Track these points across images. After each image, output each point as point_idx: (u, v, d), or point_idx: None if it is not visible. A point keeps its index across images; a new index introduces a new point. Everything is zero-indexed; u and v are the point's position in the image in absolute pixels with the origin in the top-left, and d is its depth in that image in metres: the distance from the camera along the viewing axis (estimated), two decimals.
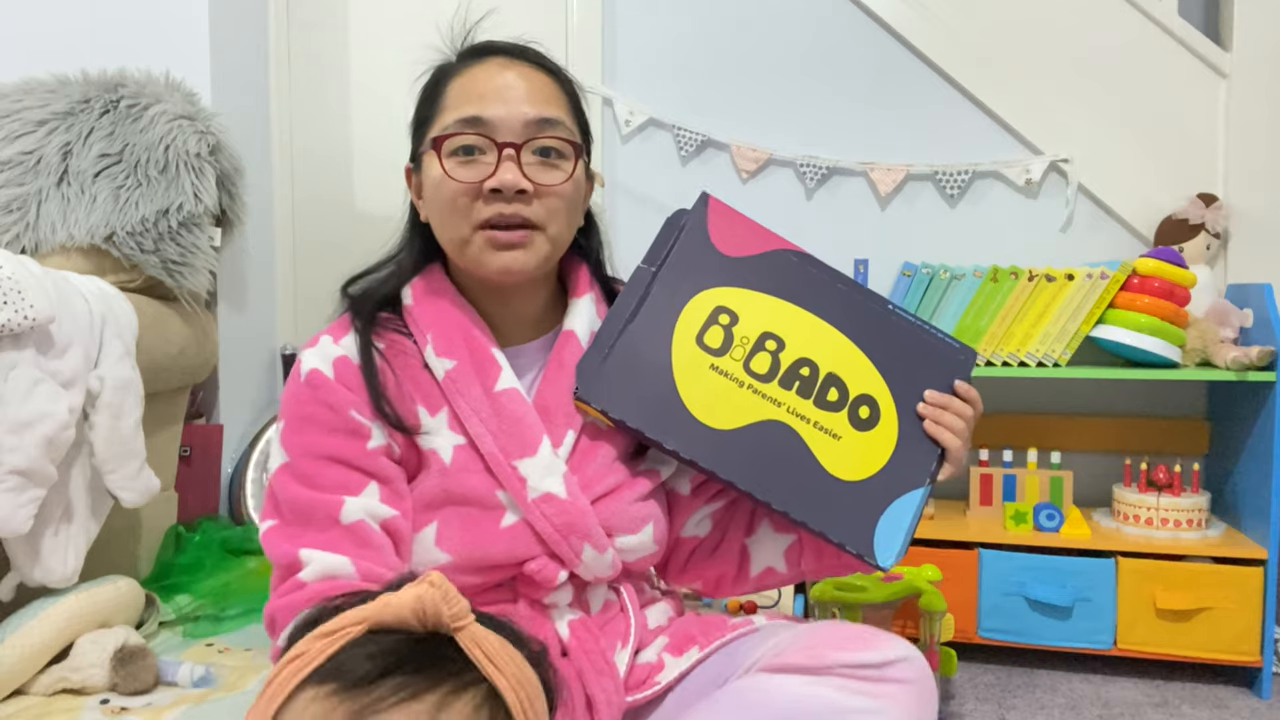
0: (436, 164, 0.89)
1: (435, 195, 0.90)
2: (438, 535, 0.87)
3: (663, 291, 0.93)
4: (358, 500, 0.84)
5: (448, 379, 0.90)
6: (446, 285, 0.94)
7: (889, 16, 2.22)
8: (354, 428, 0.86)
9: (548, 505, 0.87)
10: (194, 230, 1.82)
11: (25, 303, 1.29)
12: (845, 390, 0.93)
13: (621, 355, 0.91)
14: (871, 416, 0.93)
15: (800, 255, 0.98)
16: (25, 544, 1.37)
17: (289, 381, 0.90)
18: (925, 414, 0.94)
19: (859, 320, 0.95)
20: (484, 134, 0.87)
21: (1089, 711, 1.78)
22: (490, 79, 0.89)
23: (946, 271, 2.00)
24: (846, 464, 0.92)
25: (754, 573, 1.00)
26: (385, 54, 2.44)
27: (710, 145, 2.32)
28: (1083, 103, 2.15)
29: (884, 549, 0.91)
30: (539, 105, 0.89)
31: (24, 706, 1.30)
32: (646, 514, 0.93)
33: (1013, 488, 2.02)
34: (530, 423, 0.89)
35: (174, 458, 1.88)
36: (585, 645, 0.89)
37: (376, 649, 0.57)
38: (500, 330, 0.94)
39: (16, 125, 1.79)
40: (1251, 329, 1.91)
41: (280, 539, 0.84)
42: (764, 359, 0.93)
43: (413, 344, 0.92)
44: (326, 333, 0.92)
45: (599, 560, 0.89)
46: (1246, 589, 1.81)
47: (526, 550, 0.88)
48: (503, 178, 0.86)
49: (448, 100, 0.90)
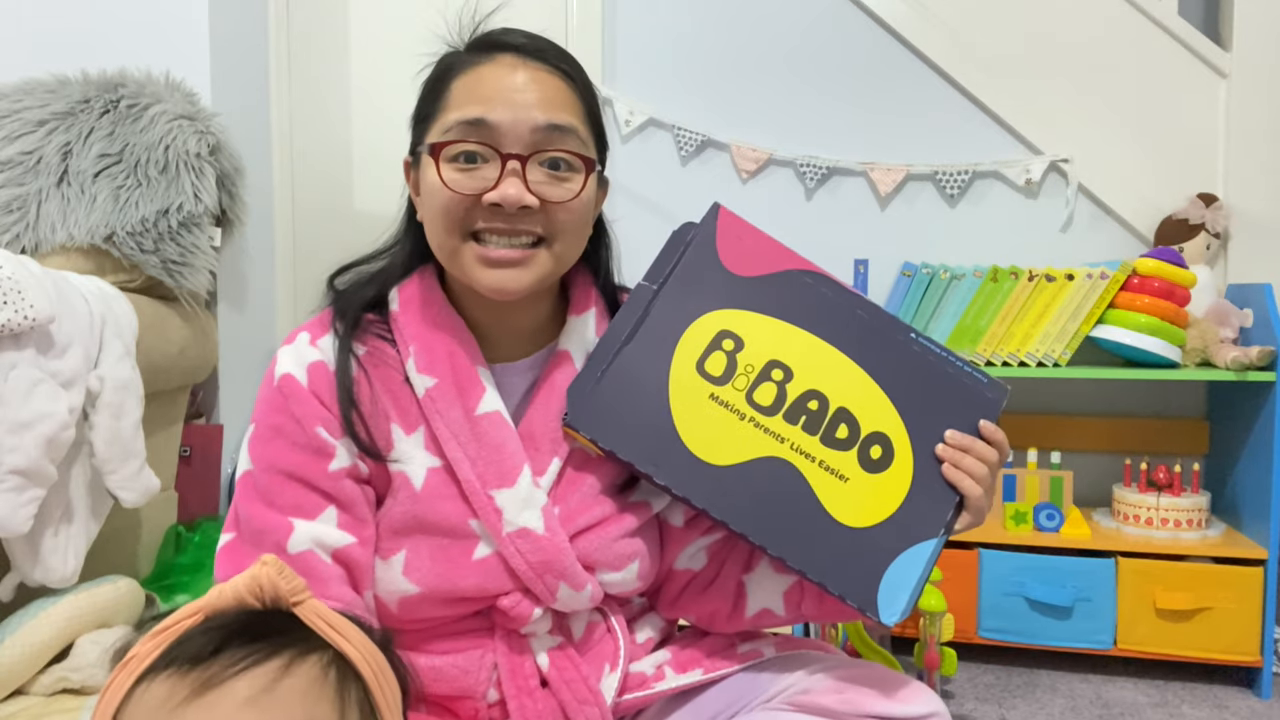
0: (433, 168, 0.82)
1: (429, 200, 0.83)
2: (405, 564, 0.82)
3: (663, 312, 0.86)
4: (309, 526, 0.80)
5: (427, 398, 0.84)
6: (436, 292, 0.88)
7: (889, 16, 2.22)
8: (318, 446, 0.81)
9: (523, 541, 0.82)
10: (194, 230, 1.82)
11: (25, 303, 1.29)
12: (857, 427, 0.85)
13: (615, 380, 0.84)
14: (884, 457, 0.85)
15: (815, 276, 0.89)
16: (25, 544, 1.37)
17: (264, 382, 0.85)
18: (944, 456, 0.85)
19: (877, 350, 0.87)
20: (487, 141, 0.80)
21: (1089, 711, 1.78)
22: (499, 79, 0.81)
23: (946, 271, 2.00)
24: (853, 509, 0.84)
25: (749, 613, 0.92)
26: (385, 54, 2.44)
27: (710, 145, 2.32)
28: (1083, 103, 2.15)
29: (888, 605, 0.82)
30: (550, 111, 0.81)
31: (24, 706, 1.30)
32: (632, 552, 0.87)
33: (1013, 488, 2.02)
34: (511, 450, 0.83)
35: (174, 458, 1.88)
36: (566, 675, 0.85)
37: (211, 625, 0.54)
38: (491, 343, 0.88)
39: (16, 125, 1.79)
40: (1251, 329, 1.91)
41: (227, 561, 0.82)
42: (769, 390, 0.85)
43: (395, 352, 0.87)
44: (305, 329, 0.86)
45: (575, 597, 0.84)
46: (1246, 589, 1.81)
47: (498, 585, 0.83)
48: (505, 192, 0.79)
49: (452, 98, 0.82)
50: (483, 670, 0.84)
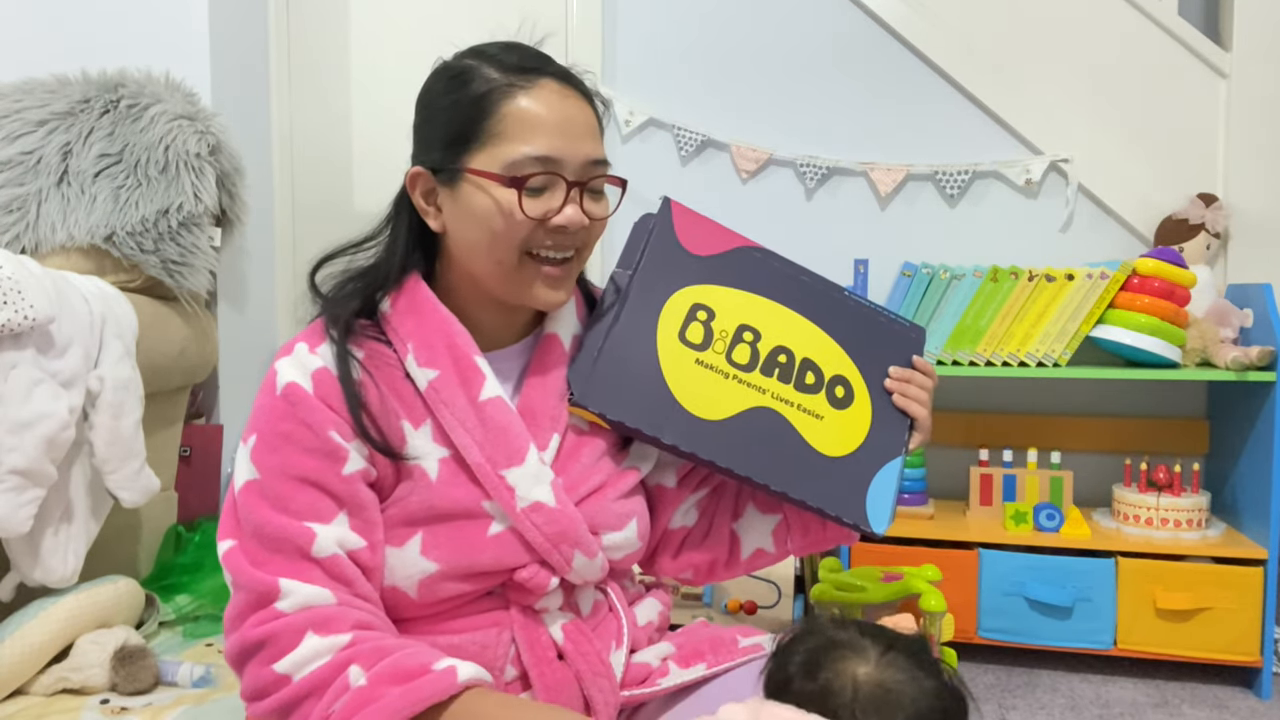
0: (499, 193, 0.86)
1: (485, 221, 0.87)
2: (423, 545, 0.85)
3: (641, 294, 0.95)
4: (329, 530, 0.81)
5: (430, 389, 0.88)
6: (427, 294, 0.91)
7: (889, 16, 2.22)
8: (332, 449, 0.83)
9: (537, 514, 0.87)
10: (194, 230, 1.82)
11: (25, 303, 1.29)
12: (820, 373, 0.99)
13: (610, 358, 0.92)
14: (846, 395, 0.99)
15: (762, 251, 1.02)
16: (25, 544, 1.37)
17: (263, 393, 0.86)
18: (893, 389, 1.01)
19: (822, 308, 1.01)
20: (555, 171, 0.87)
21: (1089, 711, 1.78)
22: (552, 109, 0.87)
23: (946, 271, 2.00)
24: (831, 441, 0.97)
25: (744, 555, 1.03)
26: (386, 55, 2.44)
27: (710, 145, 2.32)
28: (1083, 102, 2.16)
29: (876, 516, 0.97)
30: (596, 145, 0.90)
31: (24, 706, 1.30)
32: (630, 510, 0.94)
33: (1013, 488, 2.02)
34: (516, 431, 0.88)
35: (174, 458, 1.88)
36: (581, 648, 0.89)
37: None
38: (482, 335, 0.92)
39: (16, 125, 1.79)
40: (1251, 329, 1.91)
41: (248, 563, 0.81)
42: (744, 350, 0.97)
43: (392, 352, 0.90)
44: (302, 339, 0.88)
45: (589, 565, 0.90)
46: (1246, 589, 1.81)
47: (515, 558, 0.87)
48: (570, 216, 0.87)
49: (504, 125, 0.86)
50: (500, 645, 0.88)
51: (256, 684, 0.78)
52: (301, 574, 0.79)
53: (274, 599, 0.78)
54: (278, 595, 0.78)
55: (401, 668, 0.75)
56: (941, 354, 1.98)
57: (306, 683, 0.75)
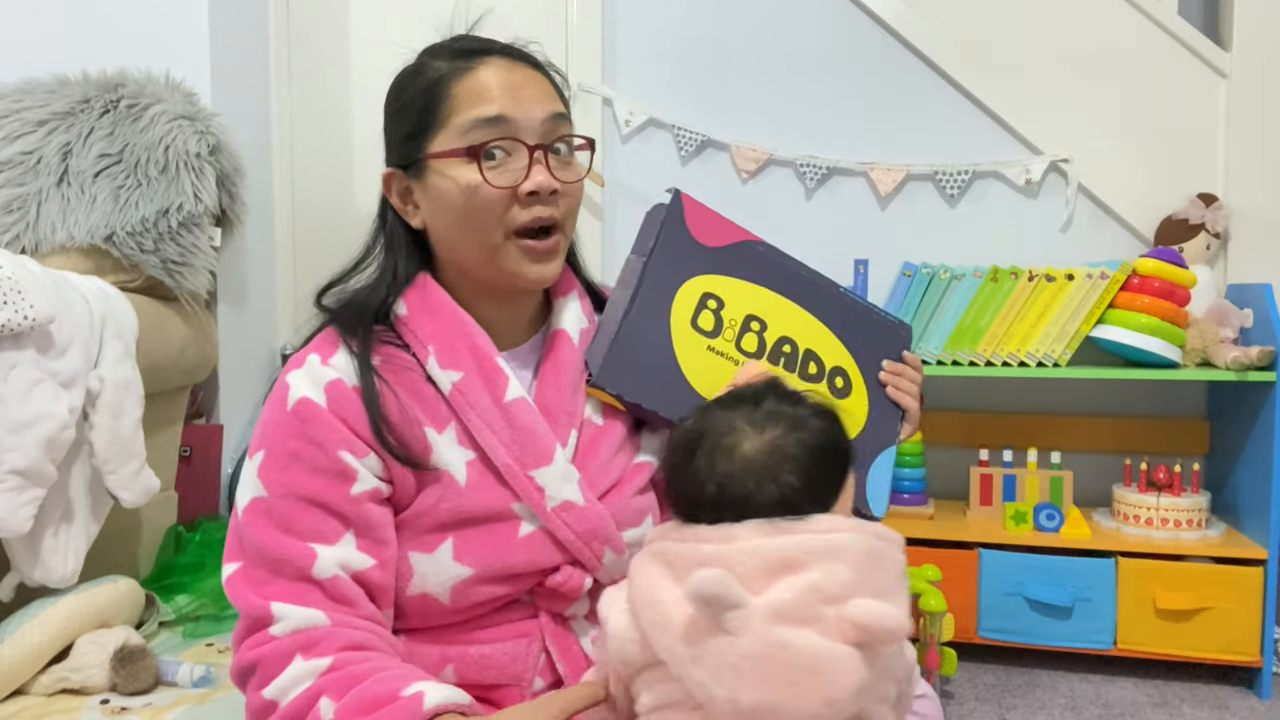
0: (460, 170, 0.85)
1: (458, 202, 0.86)
2: (455, 550, 0.84)
3: (654, 280, 0.96)
4: (332, 551, 0.80)
5: (455, 392, 0.87)
6: (442, 294, 0.91)
7: (889, 16, 2.22)
8: (340, 469, 0.82)
9: (567, 513, 0.86)
10: (194, 230, 1.82)
11: (25, 303, 1.29)
12: (822, 364, 1.02)
13: (627, 342, 0.93)
14: (845, 386, 1.03)
15: (764, 245, 1.04)
16: (25, 544, 1.37)
17: (271, 406, 0.85)
18: (887, 381, 1.05)
19: (820, 302, 1.04)
20: (511, 135, 0.85)
21: (1089, 711, 1.78)
22: (498, 78, 0.86)
23: (946, 271, 2.00)
24: None
25: None
26: (385, 55, 2.43)
27: (710, 145, 2.32)
28: (1083, 103, 2.16)
29: (876, 500, 1.01)
30: (551, 102, 0.88)
31: (24, 706, 1.30)
32: (645, 506, 0.94)
33: (1013, 488, 2.02)
34: (541, 431, 0.88)
35: (174, 458, 1.88)
36: None
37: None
38: (496, 334, 0.92)
39: (16, 125, 1.79)
40: (1251, 329, 1.91)
41: (246, 588, 0.80)
42: (752, 339, 0.99)
43: (411, 357, 0.89)
44: (313, 350, 0.86)
45: (618, 563, 0.89)
46: (1246, 589, 1.81)
47: (548, 558, 0.86)
48: (538, 180, 0.85)
49: (455, 103, 0.86)
50: (530, 656, 0.87)
51: (251, 709, 0.78)
52: (300, 596, 0.79)
53: (268, 624, 0.78)
54: (271, 620, 0.78)
55: (369, 696, 0.73)
56: (941, 354, 1.98)
57: (287, 711, 0.75)
